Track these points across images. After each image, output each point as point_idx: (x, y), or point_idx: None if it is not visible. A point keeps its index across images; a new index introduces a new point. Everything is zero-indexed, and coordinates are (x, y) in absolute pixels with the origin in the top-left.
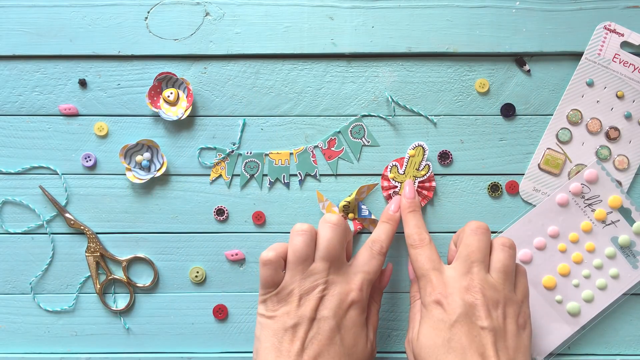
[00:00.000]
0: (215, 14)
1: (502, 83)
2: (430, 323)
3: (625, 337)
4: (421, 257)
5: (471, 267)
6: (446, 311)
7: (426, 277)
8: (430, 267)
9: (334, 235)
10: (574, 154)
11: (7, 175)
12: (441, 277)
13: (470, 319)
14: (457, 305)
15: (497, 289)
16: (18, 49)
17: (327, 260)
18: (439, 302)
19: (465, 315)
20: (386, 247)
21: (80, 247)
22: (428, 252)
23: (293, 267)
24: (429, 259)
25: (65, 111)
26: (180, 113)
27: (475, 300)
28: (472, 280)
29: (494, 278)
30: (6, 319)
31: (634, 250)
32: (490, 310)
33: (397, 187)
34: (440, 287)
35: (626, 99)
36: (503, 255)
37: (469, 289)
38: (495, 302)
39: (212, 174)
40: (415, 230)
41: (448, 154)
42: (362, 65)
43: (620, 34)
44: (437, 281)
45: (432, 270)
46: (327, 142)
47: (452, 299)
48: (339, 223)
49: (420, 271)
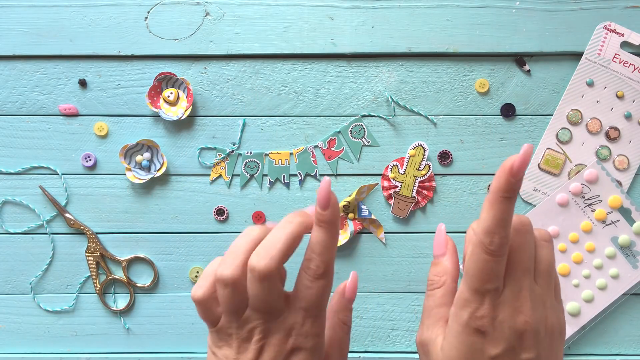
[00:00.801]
0: (215, 14)
1: (502, 83)
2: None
3: (625, 337)
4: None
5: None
6: (488, 342)
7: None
8: (493, 287)
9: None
10: (574, 154)
11: (7, 175)
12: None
13: (514, 353)
14: (504, 338)
15: (544, 300)
16: (18, 49)
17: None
18: (483, 332)
19: (510, 350)
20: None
21: (80, 247)
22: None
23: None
24: (496, 277)
25: (65, 111)
26: (180, 113)
27: (526, 326)
28: (524, 299)
29: (540, 285)
30: (6, 319)
31: (634, 250)
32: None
33: (398, 187)
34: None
35: (626, 99)
36: (547, 253)
37: (521, 312)
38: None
39: (212, 174)
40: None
41: (448, 154)
42: (362, 65)
43: (620, 34)
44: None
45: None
46: (327, 142)
47: (500, 330)
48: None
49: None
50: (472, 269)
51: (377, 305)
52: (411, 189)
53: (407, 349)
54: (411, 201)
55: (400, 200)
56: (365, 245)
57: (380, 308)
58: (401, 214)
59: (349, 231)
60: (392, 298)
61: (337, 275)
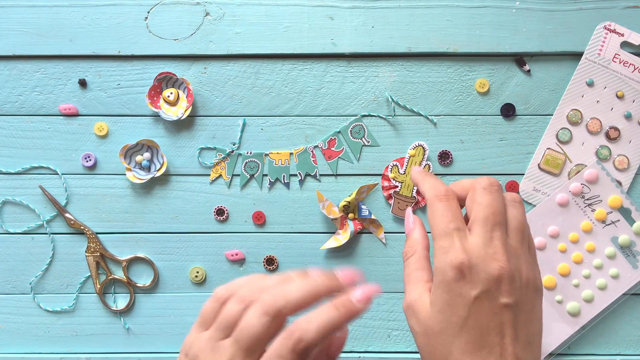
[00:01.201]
0: (215, 14)
1: (502, 83)
2: (446, 296)
3: (625, 337)
4: (446, 212)
5: (493, 231)
6: (468, 284)
7: (449, 238)
8: (455, 226)
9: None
10: (574, 154)
11: (7, 175)
12: (465, 241)
13: (492, 295)
14: (481, 279)
15: (518, 254)
16: (18, 49)
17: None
18: (462, 272)
19: (488, 292)
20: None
21: (80, 247)
22: (454, 208)
23: None
24: (453, 217)
25: (65, 111)
26: (180, 113)
27: (502, 271)
28: (497, 247)
29: (513, 240)
30: (6, 319)
31: (634, 250)
32: (515, 282)
33: (398, 187)
34: (463, 253)
35: (626, 99)
36: (517, 212)
37: (495, 258)
38: (518, 270)
39: (212, 174)
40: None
41: (448, 154)
42: (362, 65)
43: (620, 34)
44: (461, 246)
45: (456, 231)
46: (327, 142)
47: (476, 270)
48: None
49: (441, 229)
50: (431, 217)
51: (377, 305)
52: (411, 188)
53: (407, 349)
54: (411, 201)
55: (400, 200)
56: (365, 245)
57: (380, 308)
58: (402, 214)
59: (349, 231)
60: (392, 298)
61: None
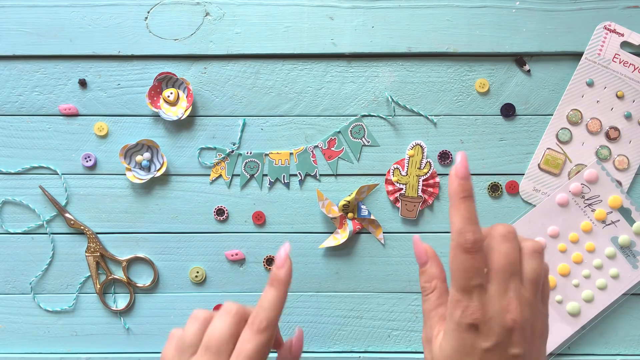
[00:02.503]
0: (215, 14)
1: (502, 83)
2: (457, 344)
3: (625, 337)
4: (471, 267)
5: (509, 282)
6: (480, 337)
7: (468, 295)
8: (476, 283)
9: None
10: (574, 154)
11: (7, 175)
12: (484, 297)
13: (503, 346)
14: (494, 332)
15: (531, 304)
16: (18, 49)
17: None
18: (476, 327)
19: (500, 344)
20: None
21: (80, 247)
22: (479, 262)
23: None
24: (477, 272)
25: (65, 111)
26: (180, 113)
27: (514, 324)
28: (511, 299)
29: (528, 290)
30: (6, 319)
31: (634, 250)
32: (525, 334)
33: (403, 190)
34: (480, 310)
35: (626, 99)
36: (536, 263)
37: (509, 310)
38: (529, 322)
39: (212, 174)
40: (469, 226)
41: (448, 154)
42: (362, 65)
43: (620, 34)
44: (479, 303)
45: (477, 288)
46: (327, 142)
47: (491, 325)
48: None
49: (462, 284)
50: (455, 269)
51: (377, 305)
52: (416, 188)
53: (407, 349)
54: (418, 201)
55: (407, 201)
56: (365, 245)
57: (380, 308)
58: (410, 215)
59: (347, 230)
60: (392, 298)
61: (337, 275)
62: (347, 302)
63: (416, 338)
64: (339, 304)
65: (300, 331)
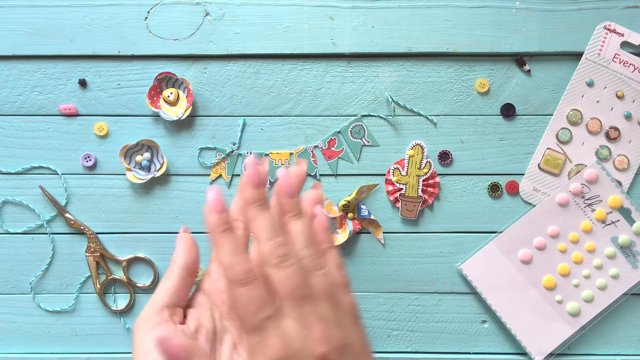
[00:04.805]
0: (215, 14)
1: (502, 83)
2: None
3: (625, 337)
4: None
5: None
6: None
7: (260, 332)
8: (265, 316)
9: None
10: (574, 154)
11: (7, 175)
12: (281, 329)
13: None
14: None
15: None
16: (18, 49)
17: None
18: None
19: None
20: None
21: (80, 247)
22: (260, 290)
23: None
24: (261, 303)
25: (65, 111)
26: (180, 113)
27: (325, 349)
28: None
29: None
30: (6, 319)
31: (634, 250)
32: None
33: (403, 190)
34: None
35: (626, 99)
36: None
37: (316, 339)
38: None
39: (212, 174)
40: (235, 258)
41: (448, 154)
42: (362, 65)
43: (620, 34)
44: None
45: (267, 320)
46: (327, 142)
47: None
48: None
49: (249, 322)
50: (237, 308)
51: (377, 305)
52: (416, 188)
53: (407, 349)
54: (418, 201)
55: (407, 201)
56: (365, 245)
57: (380, 308)
58: (411, 215)
59: (347, 230)
60: (392, 298)
61: None
62: None
63: (416, 338)
64: None
65: None
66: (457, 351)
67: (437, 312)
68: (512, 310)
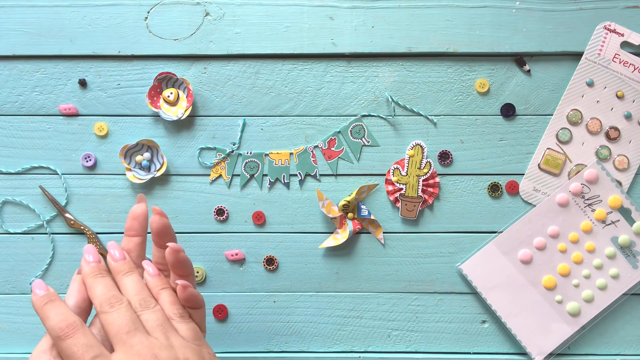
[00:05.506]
0: (215, 14)
1: (502, 83)
2: None
3: (625, 337)
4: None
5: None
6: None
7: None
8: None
9: None
10: (574, 154)
11: (7, 175)
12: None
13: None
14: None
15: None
16: (18, 49)
17: None
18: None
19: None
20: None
21: (80, 247)
22: (85, 337)
23: None
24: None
25: (65, 111)
26: (180, 113)
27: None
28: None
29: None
30: (6, 319)
31: (634, 250)
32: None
33: (403, 190)
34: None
35: (626, 99)
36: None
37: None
38: None
39: (212, 174)
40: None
41: (448, 154)
42: (362, 65)
43: (620, 34)
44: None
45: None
46: (327, 142)
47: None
48: None
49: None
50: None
51: (377, 305)
52: (416, 188)
53: (407, 349)
54: (418, 201)
55: (407, 201)
56: (365, 245)
57: (380, 308)
58: (411, 215)
59: (347, 230)
60: (392, 298)
61: (337, 275)
62: (347, 302)
63: (416, 338)
64: (339, 304)
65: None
66: (457, 351)
67: (437, 312)
68: (512, 310)
